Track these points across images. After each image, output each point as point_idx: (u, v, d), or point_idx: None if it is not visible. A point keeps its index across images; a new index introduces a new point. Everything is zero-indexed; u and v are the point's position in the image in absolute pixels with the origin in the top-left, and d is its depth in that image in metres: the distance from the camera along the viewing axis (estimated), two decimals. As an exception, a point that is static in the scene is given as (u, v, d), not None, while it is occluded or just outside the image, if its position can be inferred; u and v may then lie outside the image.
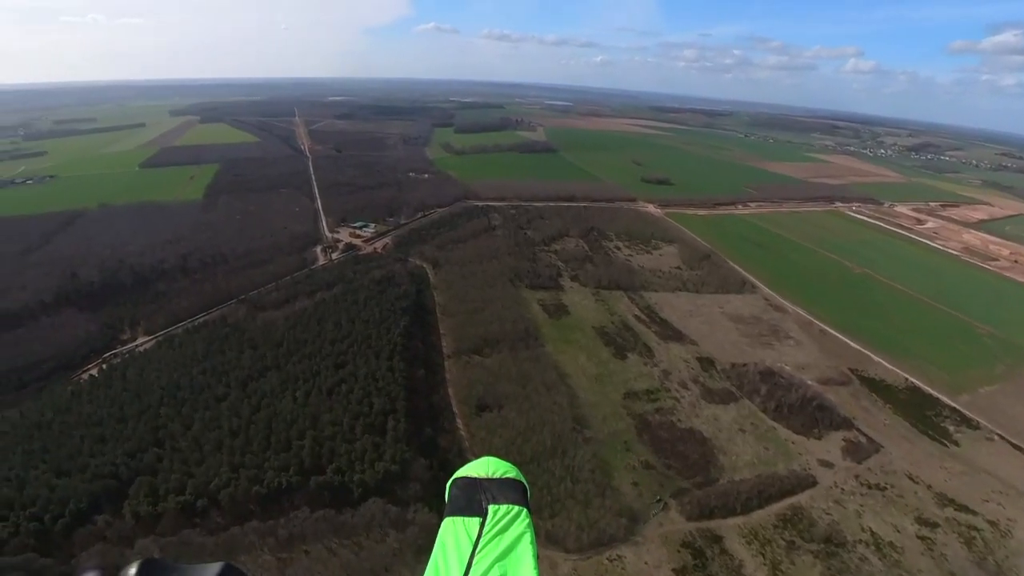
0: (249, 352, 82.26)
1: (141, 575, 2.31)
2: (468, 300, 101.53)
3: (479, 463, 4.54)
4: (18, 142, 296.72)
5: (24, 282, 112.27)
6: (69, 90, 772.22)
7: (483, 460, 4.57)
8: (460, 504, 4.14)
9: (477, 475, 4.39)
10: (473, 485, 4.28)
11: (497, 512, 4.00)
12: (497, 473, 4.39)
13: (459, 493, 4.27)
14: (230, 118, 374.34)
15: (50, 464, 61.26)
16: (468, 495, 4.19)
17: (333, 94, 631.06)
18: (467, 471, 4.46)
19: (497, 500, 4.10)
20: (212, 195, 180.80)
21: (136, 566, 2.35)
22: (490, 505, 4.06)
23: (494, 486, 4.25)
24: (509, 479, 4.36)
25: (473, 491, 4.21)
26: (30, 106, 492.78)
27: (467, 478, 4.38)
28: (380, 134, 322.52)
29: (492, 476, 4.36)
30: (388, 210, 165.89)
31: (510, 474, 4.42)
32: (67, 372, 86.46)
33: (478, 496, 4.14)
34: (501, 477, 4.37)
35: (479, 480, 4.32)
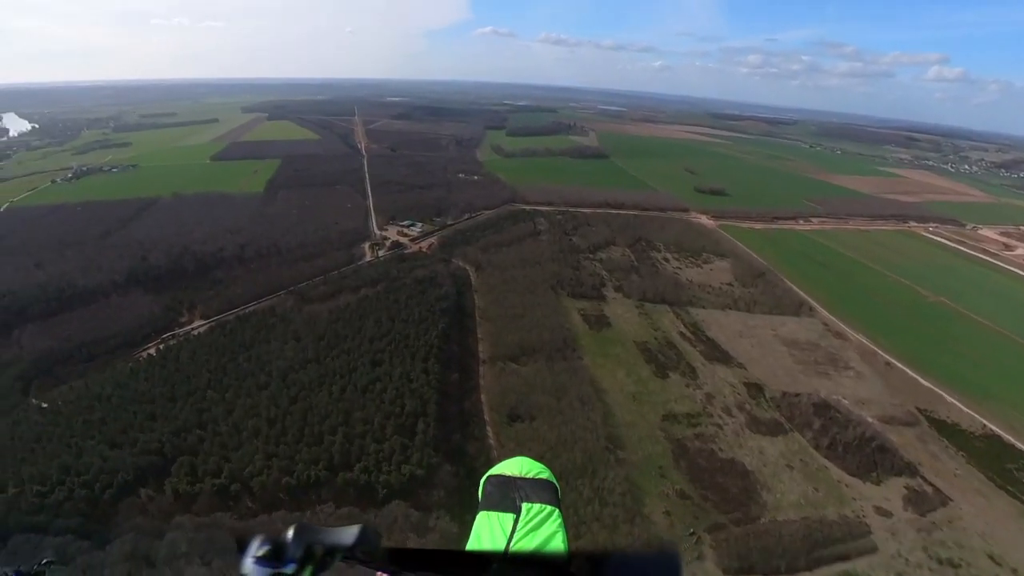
0: (292, 343, 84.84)
1: (297, 535, 2.75)
2: (508, 305, 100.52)
3: (513, 462, 4.77)
4: (108, 133, 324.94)
5: (101, 263, 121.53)
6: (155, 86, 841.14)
7: (517, 459, 4.79)
8: (494, 500, 4.31)
9: (511, 474, 4.57)
10: (507, 483, 4.44)
11: (530, 510, 4.13)
12: (531, 473, 4.56)
13: (493, 490, 4.45)
14: (295, 116, 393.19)
15: (105, 435, 65.27)
16: (502, 492, 4.36)
17: (392, 95, 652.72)
18: (501, 469, 4.70)
19: (530, 499, 4.23)
20: (272, 189, 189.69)
21: (293, 529, 2.81)
22: (523, 503, 4.19)
23: (527, 485, 4.40)
24: (542, 479, 4.51)
25: (507, 488, 4.37)
26: (121, 101, 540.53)
27: (501, 476, 4.57)
28: (433, 135, 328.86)
29: (525, 476, 4.53)
30: (436, 210, 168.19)
31: (543, 475, 4.60)
32: (130, 349, 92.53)
33: (512, 494, 4.29)
34: (534, 477, 4.52)
35: (513, 478, 4.50)
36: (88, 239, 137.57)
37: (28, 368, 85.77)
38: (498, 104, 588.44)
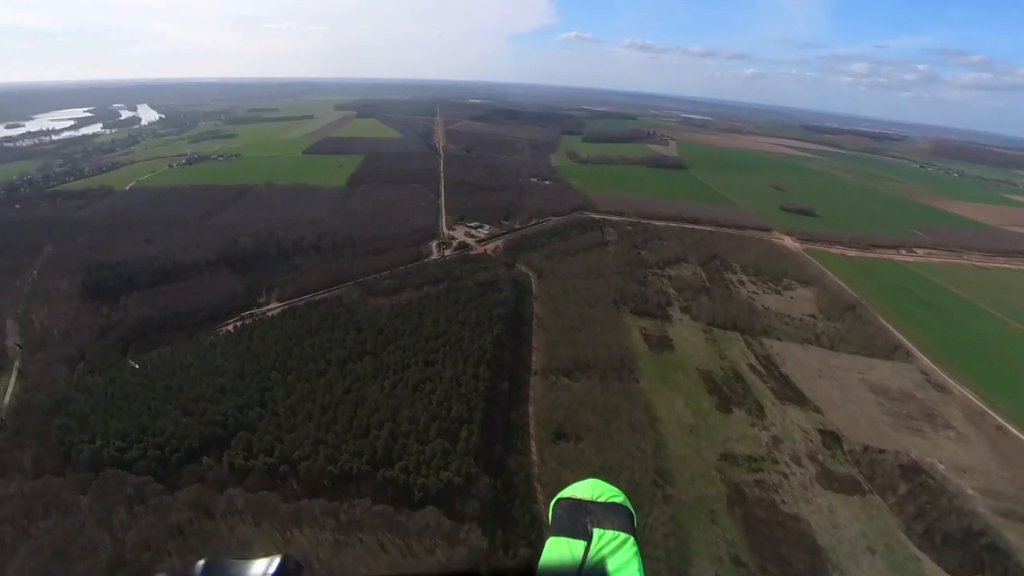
0: (353, 334, 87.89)
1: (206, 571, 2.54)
2: (567, 316, 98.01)
3: (585, 485, 4.53)
4: (220, 125, 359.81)
5: (200, 242, 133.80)
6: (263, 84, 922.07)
7: (589, 482, 4.56)
8: (564, 524, 4.12)
9: (582, 497, 4.34)
10: (578, 507, 4.25)
11: (603, 536, 3.94)
12: (603, 497, 4.35)
13: (563, 513, 4.25)
14: (381, 114, 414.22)
15: (180, 402, 70.88)
16: (572, 516, 4.16)
17: (473, 96, 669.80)
18: (572, 491, 4.46)
19: (603, 524, 4.04)
20: (353, 183, 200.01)
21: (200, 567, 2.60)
22: (595, 528, 4.00)
23: (599, 509, 4.20)
24: (615, 504, 4.31)
25: (578, 513, 4.18)
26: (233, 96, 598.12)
27: (572, 499, 4.35)
28: (510, 138, 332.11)
29: (597, 499, 4.32)
30: (505, 213, 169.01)
31: (617, 499, 4.37)
32: (214, 323, 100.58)
33: (583, 518, 4.11)
34: (607, 501, 4.31)
35: (584, 502, 4.29)
36: (191, 220, 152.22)
37: (129, 331, 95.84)
38: (576, 109, 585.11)
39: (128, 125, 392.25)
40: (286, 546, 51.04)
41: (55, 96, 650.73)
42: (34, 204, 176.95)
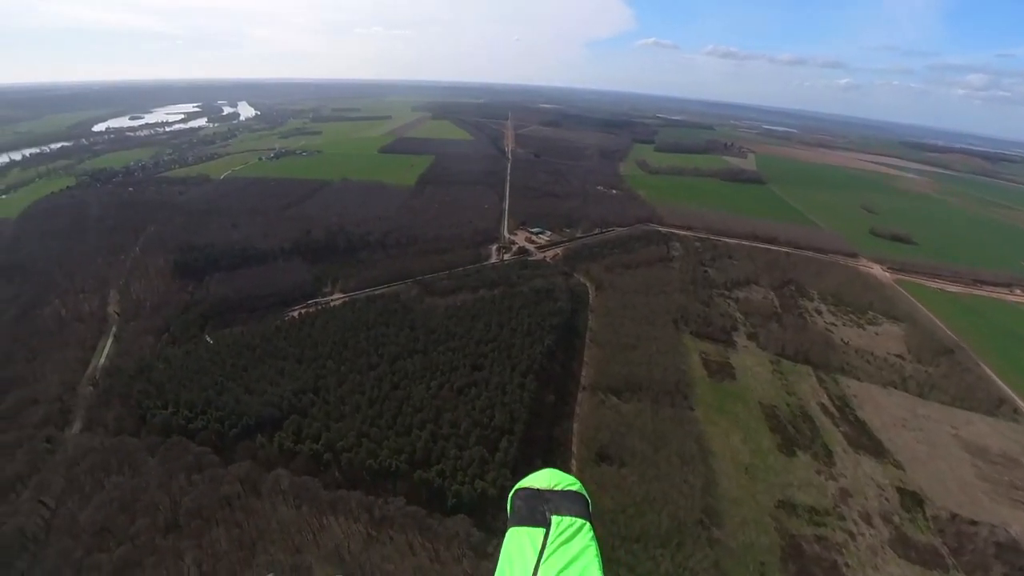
0: (407, 331, 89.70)
1: None
2: (622, 332, 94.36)
3: (541, 475, 4.61)
4: (307, 123, 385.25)
5: (277, 232, 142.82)
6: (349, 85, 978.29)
7: (545, 472, 4.66)
8: (523, 514, 4.21)
9: (540, 487, 4.43)
10: (536, 496, 4.33)
11: (561, 523, 4.04)
12: (560, 485, 4.44)
13: (522, 504, 4.33)
14: (454, 117, 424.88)
15: (243, 381, 75.40)
16: (531, 506, 4.24)
17: (545, 101, 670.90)
18: (530, 482, 4.53)
19: (560, 512, 4.13)
20: (422, 183, 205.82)
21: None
22: (553, 516, 4.09)
23: (556, 497, 4.28)
24: (572, 491, 4.39)
25: (536, 502, 4.26)
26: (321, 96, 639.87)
27: (530, 489, 4.44)
28: (579, 144, 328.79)
29: (554, 488, 4.41)
30: (568, 220, 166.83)
31: (573, 487, 4.45)
32: (282, 308, 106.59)
33: (541, 507, 4.19)
34: (564, 489, 4.40)
35: (542, 491, 4.37)
36: (272, 210, 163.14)
37: (208, 309, 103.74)
38: (650, 117, 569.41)
39: (228, 120, 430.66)
40: (321, 532, 52.38)
41: (171, 92, 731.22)
42: (144, 187, 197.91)
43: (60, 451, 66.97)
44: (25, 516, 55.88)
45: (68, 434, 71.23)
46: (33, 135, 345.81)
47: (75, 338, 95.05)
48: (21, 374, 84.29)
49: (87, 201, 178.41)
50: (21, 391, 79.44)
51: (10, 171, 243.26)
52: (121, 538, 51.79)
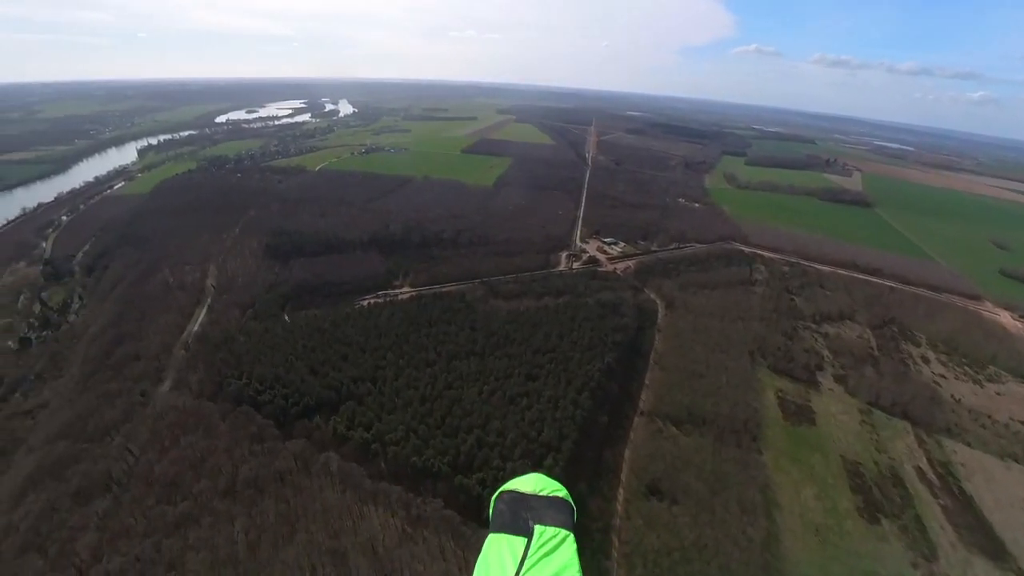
0: (467, 332, 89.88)
1: None
2: (690, 358, 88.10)
3: (528, 479, 4.47)
4: (398, 121, 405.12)
5: (359, 223, 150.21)
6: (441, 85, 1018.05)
7: (532, 476, 4.51)
8: (505, 520, 4.06)
9: (525, 491, 4.29)
10: (520, 501, 4.17)
11: (543, 534, 3.91)
12: (545, 491, 4.31)
13: (505, 508, 4.19)
14: (538, 121, 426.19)
15: (309, 362, 79.24)
16: (514, 511, 4.10)
17: (632, 108, 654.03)
18: (515, 485, 4.36)
19: (544, 520, 4.01)
20: (499, 185, 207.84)
21: None
22: (536, 525, 3.96)
23: (541, 504, 4.16)
24: (557, 498, 4.26)
25: (519, 508, 4.11)
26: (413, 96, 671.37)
27: (514, 493, 4.28)
28: (663, 153, 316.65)
29: (539, 494, 4.28)
30: (643, 232, 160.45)
31: (559, 493, 4.32)
32: (354, 296, 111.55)
33: (524, 514, 4.05)
34: (549, 496, 4.27)
35: (526, 496, 4.23)
36: (357, 202, 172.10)
37: (290, 290, 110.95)
38: (744, 128, 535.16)
39: (329, 116, 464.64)
40: (359, 520, 53.15)
41: (283, 89, 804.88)
42: (250, 174, 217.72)
43: (150, 405, 74.32)
44: (113, 460, 62.33)
45: (159, 391, 78.94)
46: (168, 123, 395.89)
47: (176, 305, 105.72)
48: (130, 332, 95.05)
49: (202, 184, 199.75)
50: (128, 347, 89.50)
51: (147, 154, 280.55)
52: (185, 494, 56.01)
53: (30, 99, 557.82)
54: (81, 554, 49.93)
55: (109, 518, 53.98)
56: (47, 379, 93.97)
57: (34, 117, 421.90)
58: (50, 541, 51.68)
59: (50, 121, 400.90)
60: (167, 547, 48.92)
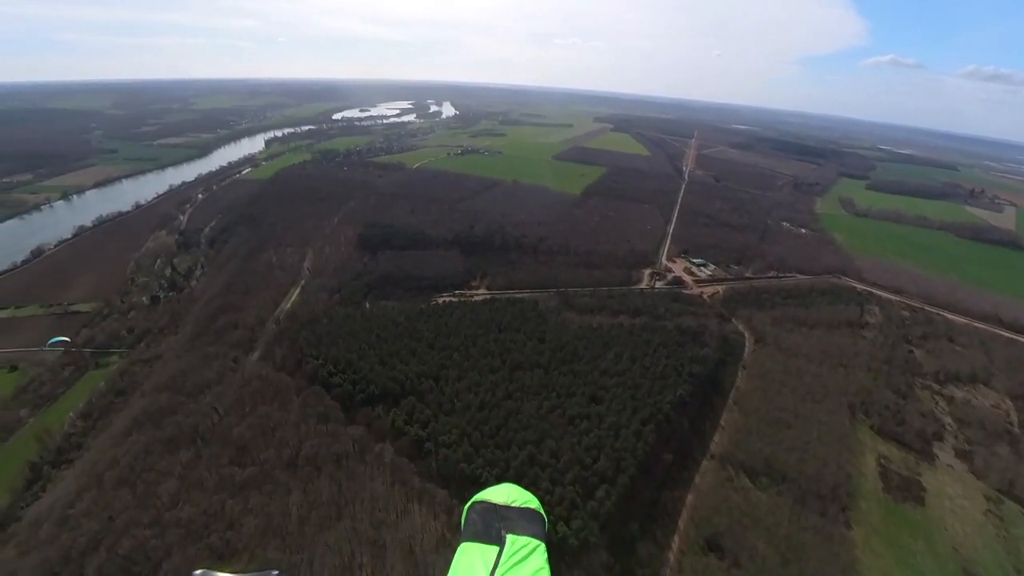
0: (535, 343, 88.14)
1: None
2: (777, 403, 79.04)
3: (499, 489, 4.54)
4: (496, 124, 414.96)
5: (445, 222, 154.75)
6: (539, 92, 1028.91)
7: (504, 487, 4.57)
8: (477, 530, 4.16)
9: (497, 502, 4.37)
10: (491, 511, 4.27)
11: (515, 543, 3.99)
12: (517, 502, 4.37)
13: (477, 518, 4.27)
14: (635, 130, 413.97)
15: (380, 352, 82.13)
16: (486, 521, 4.20)
17: (739, 121, 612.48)
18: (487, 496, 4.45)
19: (515, 530, 4.08)
20: (587, 194, 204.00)
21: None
22: (508, 535, 4.04)
23: (513, 514, 4.23)
24: (529, 509, 4.33)
25: (491, 518, 4.21)
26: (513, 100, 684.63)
27: (486, 503, 4.37)
28: (770, 172, 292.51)
29: (511, 504, 4.33)
30: (737, 256, 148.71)
31: (531, 504, 4.37)
32: (431, 293, 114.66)
33: (496, 524, 4.15)
34: (521, 506, 4.33)
35: (498, 507, 4.31)
36: (447, 201, 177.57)
37: (374, 280, 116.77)
38: (869, 148, 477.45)
39: (432, 117, 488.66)
40: (402, 516, 53.62)
41: (394, 90, 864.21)
42: (355, 168, 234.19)
43: (239, 371, 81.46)
44: (201, 416, 68.82)
45: (248, 359, 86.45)
46: (293, 118, 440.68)
47: (275, 282, 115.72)
48: (234, 302, 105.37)
49: (313, 174, 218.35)
50: (230, 316, 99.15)
51: (272, 144, 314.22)
52: (253, 459, 60.18)
53: (187, 93, 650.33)
54: (162, 497, 55.39)
55: (189, 469, 59.47)
56: (166, 334, 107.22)
57: (189, 108, 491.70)
58: (140, 480, 58.02)
59: (201, 112, 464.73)
60: (230, 507, 52.70)
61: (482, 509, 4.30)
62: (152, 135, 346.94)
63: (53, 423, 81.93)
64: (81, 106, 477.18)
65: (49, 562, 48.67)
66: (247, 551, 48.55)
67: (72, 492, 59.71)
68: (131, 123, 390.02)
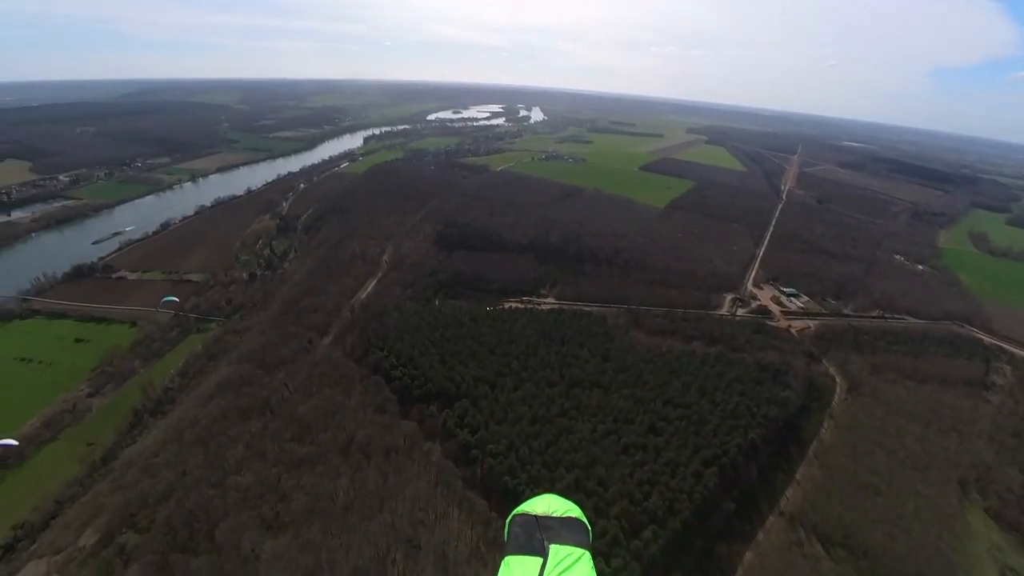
0: (597, 361, 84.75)
1: None
2: (867, 464, 68.23)
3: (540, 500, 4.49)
4: (583, 131, 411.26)
5: (522, 226, 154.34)
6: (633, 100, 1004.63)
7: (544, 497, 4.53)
8: (520, 542, 4.08)
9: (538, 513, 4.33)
10: (534, 523, 4.22)
11: (559, 552, 3.93)
12: (558, 512, 4.34)
13: (519, 531, 4.21)
14: (731, 144, 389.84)
15: (442, 351, 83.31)
16: (528, 533, 4.14)
17: (851, 138, 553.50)
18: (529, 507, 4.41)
19: (559, 540, 4.03)
20: (672, 208, 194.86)
21: None
22: (551, 545, 3.99)
23: (555, 525, 4.20)
24: (571, 518, 4.29)
25: (533, 529, 4.16)
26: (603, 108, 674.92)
27: (527, 515, 4.33)
28: (884, 196, 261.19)
29: (553, 514, 4.31)
30: (836, 289, 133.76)
31: (572, 513, 4.35)
32: (500, 297, 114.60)
33: (539, 535, 4.09)
34: (563, 516, 4.31)
35: (540, 518, 4.27)
36: (526, 206, 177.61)
37: (446, 279, 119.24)
38: (1012, 176, 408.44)
39: (520, 122, 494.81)
40: (440, 520, 53.35)
41: (487, 94, 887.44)
42: (442, 168, 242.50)
43: (312, 353, 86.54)
44: (272, 391, 73.73)
45: (321, 342, 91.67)
46: (391, 117, 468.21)
47: (355, 272, 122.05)
48: (317, 287, 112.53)
49: (402, 171, 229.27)
50: (311, 299, 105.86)
51: (370, 141, 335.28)
52: (312, 439, 63.15)
53: (302, 91, 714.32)
54: (229, 461, 59.73)
55: (256, 439, 63.72)
56: (257, 309, 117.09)
57: (302, 106, 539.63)
58: (213, 442, 63.11)
59: (312, 110, 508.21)
60: (284, 481, 55.58)
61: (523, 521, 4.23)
62: (269, 128, 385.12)
63: (156, 376, 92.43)
64: (215, 100, 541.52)
65: (130, 504, 54.23)
66: (293, 526, 50.81)
67: (158, 442, 66.49)
68: (253, 117, 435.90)
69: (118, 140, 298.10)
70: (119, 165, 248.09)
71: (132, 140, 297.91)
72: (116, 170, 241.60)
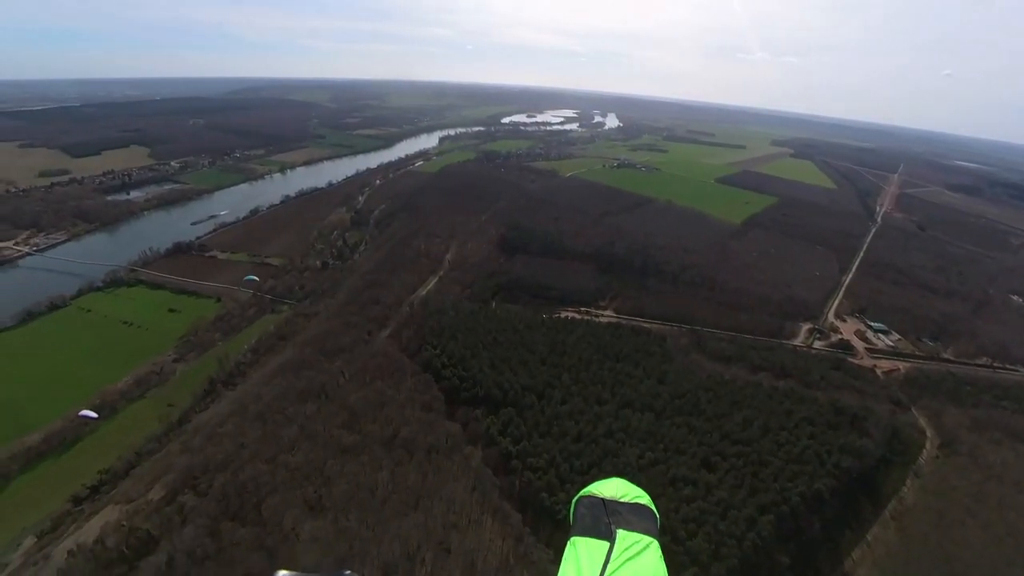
0: (652, 383, 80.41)
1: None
2: (954, 536, 59.34)
3: (608, 483, 4.39)
4: (658, 140, 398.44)
5: (587, 234, 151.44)
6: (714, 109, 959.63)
7: (613, 480, 4.42)
8: (587, 524, 4.03)
9: (605, 496, 4.24)
10: (600, 506, 4.14)
11: (626, 539, 3.84)
12: (626, 497, 4.24)
13: (585, 512, 4.16)
14: (821, 158, 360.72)
15: (491, 355, 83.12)
16: (595, 516, 4.06)
17: (965, 158, 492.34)
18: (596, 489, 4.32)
19: (626, 526, 3.93)
20: (749, 225, 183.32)
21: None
22: (619, 530, 3.90)
23: (623, 509, 4.10)
24: (639, 505, 4.17)
25: (601, 513, 4.08)
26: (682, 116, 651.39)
27: (594, 497, 4.26)
28: (1004, 225, 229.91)
29: (620, 499, 4.21)
30: (935, 329, 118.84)
31: (641, 500, 4.22)
32: (558, 305, 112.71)
33: (605, 518, 4.01)
34: (631, 501, 4.20)
35: (607, 501, 4.18)
36: (592, 214, 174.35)
37: (506, 282, 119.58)
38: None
39: (594, 128, 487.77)
40: (472, 527, 52.87)
41: (562, 99, 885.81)
42: (511, 171, 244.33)
43: (369, 344, 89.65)
44: (329, 376, 76.94)
45: (380, 334, 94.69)
46: (468, 119, 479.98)
47: (418, 268, 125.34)
48: (381, 280, 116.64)
49: (473, 172, 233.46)
50: (375, 292, 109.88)
51: (445, 142, 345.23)
52: (360, 428, 65.04)
53: (382, 91, 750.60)
54: (283, 439, 62.87)
55: (309, 421, 66.58)
56: (326, 296, 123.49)
57: (383, 105, 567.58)
58: (271, 420, 66.78)
59: (392, 109, 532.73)
60: (328, 467, 57.53)
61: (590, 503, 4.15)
62: (353, 126, 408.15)
63: (232, 350, 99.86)
64: (307, 98, 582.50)
65: (194, 467, 58.58)
66: (332, 511, 52.40)
67: (224, 413, 71.48)
68: (339, 115, 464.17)
69: (222, 132, 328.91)
70: (221, 155, 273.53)
71: (234, 132, 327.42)
72: (218, 159, 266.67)
